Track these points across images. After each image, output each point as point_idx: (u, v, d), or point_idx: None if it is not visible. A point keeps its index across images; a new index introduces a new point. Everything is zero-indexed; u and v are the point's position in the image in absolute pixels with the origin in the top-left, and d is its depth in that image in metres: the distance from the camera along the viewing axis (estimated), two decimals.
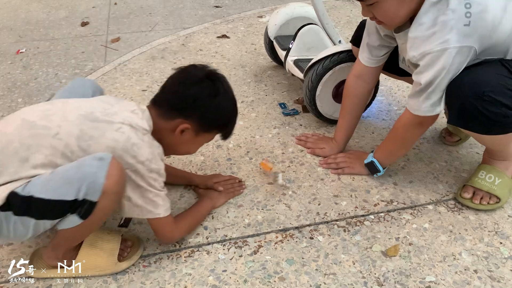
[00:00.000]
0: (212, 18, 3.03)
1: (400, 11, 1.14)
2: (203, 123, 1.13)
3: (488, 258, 1.19)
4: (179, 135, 1.12)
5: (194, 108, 1.10)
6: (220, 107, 1.13)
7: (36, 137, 0.97)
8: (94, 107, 1.04)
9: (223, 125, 1.19)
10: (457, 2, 1.06)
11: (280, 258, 1.19)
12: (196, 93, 1.09)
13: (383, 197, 1.41)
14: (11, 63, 2.40)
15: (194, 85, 1.10)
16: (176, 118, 1.10)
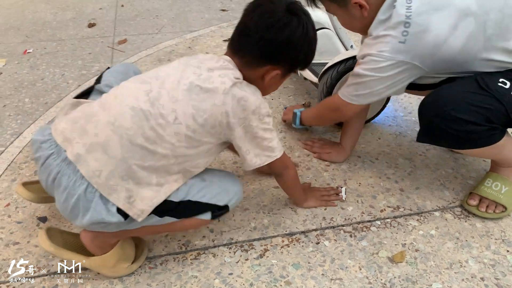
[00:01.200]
0: (218, 21, 3.04)
1: (354, 24, 1.29)
2: (293, 64, 1.10)
3: (495, 266, 1.19)
4: (268, 81, 1.09)
5: (287, 53, 1.05)
6: (311, 44, 1.08)
7: (158, 128, 0.97)
8: (188, 76, 1.01)
9: (310, 59, 1.13)
10: (397, 21, 1.14)
11: (286, 262, 1.19)
12: (289, 37, 1.02)
13: (390, 203, 1.41)
14: (18, 63, 2.41)
15: (284, 28, 1.01)
16: (264, 65, 1.06)
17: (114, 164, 0.95)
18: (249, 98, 1.02)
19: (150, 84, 1.02)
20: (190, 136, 0.99)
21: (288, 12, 1.01)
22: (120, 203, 0.96)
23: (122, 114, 0.97)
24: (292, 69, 1.11)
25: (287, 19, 1.01)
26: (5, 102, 2.00)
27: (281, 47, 1.03)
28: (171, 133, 0.97)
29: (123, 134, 0.95)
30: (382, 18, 1.18)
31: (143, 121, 0.96)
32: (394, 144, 1.71)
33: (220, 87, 0.99)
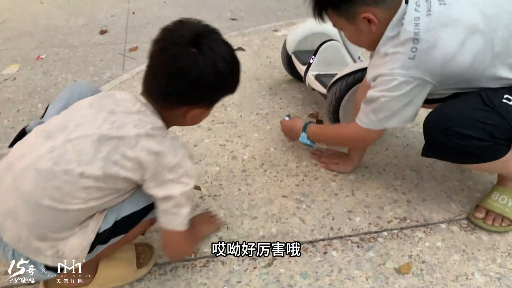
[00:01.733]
0: (228, 30, 3.08)
1: (361, 39, 1.29)
2: (214, 100, 1.05)
3: (501, 279, 1.20)
4: (190, 118, 1.05)
5: (200, 93, 0.99)
6: (225, 77, 1.00)
7: (64, 186, 0.91)
8: (99, 125, 0.94)
9: (233, 87, 1.06)
10: (406, 38, 1.15)
11: (294, 272, 1.21)
12: (196, 79, 0.95)
13: (397, 214, 1.42)
14: (31, 69, 2.45)
15: (189, 74, 0.94)
16: (183, 106, 1.01)
17: (27, 229, 0.92)
18: (167, 154, 0.96)
19: (54, 139, 0.94)
20: (101, 188, 0.94)
21: (193, 48, 0.94)
22: (48, 261, 0.96)
23: (24, 177, 0.92)
24: (214, 102, 1.06)
25: (192, 60, 0.94)
26: (19, 107, 2.04)
27: (192, 90, 0.97)
28: (79, 188, 0.91)
29: (29, 199, 0.91)
30: (390, 35, 1.18)
31: (47, 182, 0.90)
32: (401, 156, 1.72)
33: (132, 138, 0.93)
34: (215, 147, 1.74)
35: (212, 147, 1.74)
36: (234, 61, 1.02)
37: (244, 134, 1.84)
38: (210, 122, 1.91)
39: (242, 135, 1.83)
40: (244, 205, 1.44)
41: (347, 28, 1.27)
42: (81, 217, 0.96)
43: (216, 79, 0.97)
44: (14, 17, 3.28)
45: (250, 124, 1.91)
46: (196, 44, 0.94)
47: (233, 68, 1.02)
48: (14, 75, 2.36)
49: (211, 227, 1.33)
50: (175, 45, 0.95)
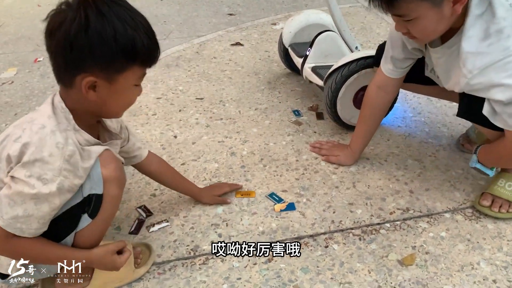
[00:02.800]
0: (226, 26, 3.05)
1: (438, 27, 1.11)
2: (101, 65, 0.88)
3: (508, 268, 1.17)
4: (93, 94, 0.91)
5: (76, 55, 0.86)
6: (102, 35, 0.85)
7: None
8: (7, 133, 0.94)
9: (126, 53, 0.89)
10: (504, 10, 1.04)
11: (295, 267, 1.18)
12: (64, 37, 0.85)
13: (399, 205, 1.39)
14: (29, 72, 2.44)
15: (58, 30, 0.85)
16: (72, 78, 0.89)
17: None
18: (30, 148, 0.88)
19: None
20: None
21: (67, 7, 0.86)
22: None
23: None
24: (110, 71, 0.90)
25: (60, 18, 0.85)
26: (16, 110, 2.03)
27: (66, 52, 0.86)
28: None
29: None
30: (478, 13, 1.06)
31: None
32: (403, 146, 1.69)
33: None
34: (214, 143, 1.72)
35: (210, 144, 1.72)
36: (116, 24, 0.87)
37: (243, 129, 1.82)
38: (209, 119, 1.89)
39: (241, 131, 1.80)
40: (243, 201, 1.42)
41: (428, 15, 1.06)
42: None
43: (86, 36, 0.84)
44: (12, 22, 3.27)
45: (249, 119, 1.89)
46: (83, 2, 0.85)
47: (110, 28, 0.86)
48: (11, 79, 2.35)
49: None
50: (53, 14, 0.88)
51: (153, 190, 1.46)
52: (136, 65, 0.92)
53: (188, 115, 1.92)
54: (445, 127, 1.80)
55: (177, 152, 1.67)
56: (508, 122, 1.10)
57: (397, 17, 1.11)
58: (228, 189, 1.44)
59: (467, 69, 1.09)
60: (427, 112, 1.91)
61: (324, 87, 1.69)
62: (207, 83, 2.20)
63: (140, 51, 0.90)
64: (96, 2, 0.86)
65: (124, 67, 0.91)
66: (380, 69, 1.45)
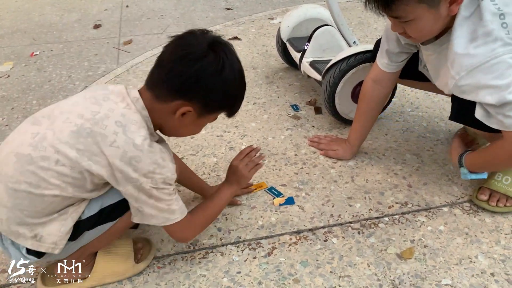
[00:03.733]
0: (223, 20, 3.04)
1: (435, 27, 1.11)
2: (207, 104, 0.99)
3: (505, 261, 1.18)
4: (180, 118, 0.99)
5: (196, 89, 0.95)
6: (226, 85, 0.97)
7: (39, 172, 0.91)
8: (82, 114, 0.94)
9: (229, 104, 1.04)
10: (491, 14, 1.04)
11: (294, 260, 1.19)
12: (198, 71, 0.93)
13: (398, 199, 1.40)
14: (25, 66, 2.43)
15: (196, 62, 0.93)
16: (175, 100, 0.96)
17: (7, 212, 0.93)
18: (143, 159, 0.93)
19: (39, 125, 0.95)
20: (77, 178, 0.93)
21: (208, 47, 0.94)
22: (28, 243, 0.95)
23: (6, 162, 0.93)
24: (208, 110, 1.01)
25: (202, 52, 0.93)
26: (13, 104, 2.02)
27: (190, 81, 0.94)
28: (54, 175, 0.91)
29: (7, 183, 0.92)
30: (466, 15, 1.07)
31: (25, 166, 0.91)
32: (401, 140, 1.70)
33: (109, 138, 0.92)
34: (212, 138, 1.72)
35: (209, 138, 1.72)
36: (241, 79, 1.02)
37: (242, 124, 1.81)
38: None
39: (240, 125, 1.80)
40: (243, 195, 1.42)
41: (425, 16, 1.07)
42: (59, 204, 0.95)
43: (216, 80, 0.95)
44: (7, 15, 3.25)
45: (247, 114, 1.89)
46: (212, 46, 0.95)
47: (238, 85, 1.02)
48: (7, 73, 2.34)
49: (248, 176, 1.27)
50: (193, 37, 0.96)
51: None
52: (223, 111, 1.05)
53: None
54: (442, 121, 1.80)
55: (176, 147, 1.66)
56: (504, 123, 1.07)
57: (394, 18, 1.11)
58: (240, 193, 1.42)
59: (455, 71, 1.09)
60: (425, 107, 1.91)
61: (322, 81, 1.69)
62: None
63: (236, 106, 1.05)
64: (228, 51, 0.97)
65: (217, 111, 1.04)
66: (376, 63, 1.45)
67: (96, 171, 0.92)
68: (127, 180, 0.94)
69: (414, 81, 1.55)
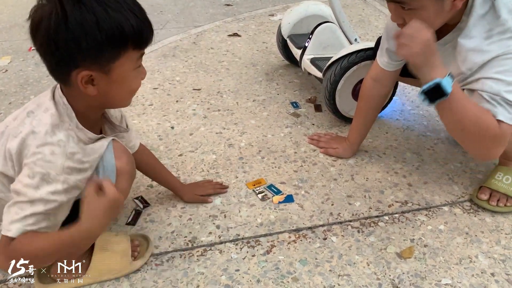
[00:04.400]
0: (223, 16, 3.02)
1: (436, 21, 1.08)
2: (91, 57, 0.83)
3: (506, 261, 1.17)
4: (93, 88, 0.87)
5: (63, 52, 0.81)
6: (86, 28, 0.79)
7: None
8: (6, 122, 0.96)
9: (114, 39, 0.82)
10: (507, 11, 1.03)
11: (293, 259, 1.18)
12: (46, 34, 0.79)
13: (398, 198, 1.39)
14: (23, 60, 2.41)
15: (38, 27, 0.80)
16: (67, 74, 0.85)
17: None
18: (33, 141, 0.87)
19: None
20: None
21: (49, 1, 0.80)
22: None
23: None
24: (102, 61, 0.84)
25: (40, 14, 0.80)
26: (11, 99, 2.00)
27: (51, 49, 0.81)
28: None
29: None
30: (482, 13, 1.05)
31: None
32: (401, 138, 1.69)
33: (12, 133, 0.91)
34: (211, 135, 1.71)
35: (208, 135, 1.71)
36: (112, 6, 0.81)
37: (241, 121, 1.80)
38: (206, 110, 1.87)
39: (239, 122, 1.79)
40: (242, 193, 1.41)
41: (429, 7, 1.04)
42: None
43: (71, 31, 0.79)
44: (5, 9, 3.22)
45: (247, 111, 1.87)
46: None
47: (110, 16, 0.80)
48: (5, 67, 2.32)
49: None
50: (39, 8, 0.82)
51: (150, 181, 1.44)
52: (129, 49, 0.86)
53: (185, 106, 1.91)
54: None
55: (174, 143, 1.65)
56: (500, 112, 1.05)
57: (396, 4, 1.07)
58: (211, 191, 1.39)
59: (466, 67, 1.08)
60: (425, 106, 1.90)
61: (323, 78, 1.68)
62: (204, 74, 2.18)
63: (129, 34, 0.83)
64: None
65: (116, 54, 0.85)
66: (376, 62, 1.44)
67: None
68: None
69: (415, 79, 1.53)
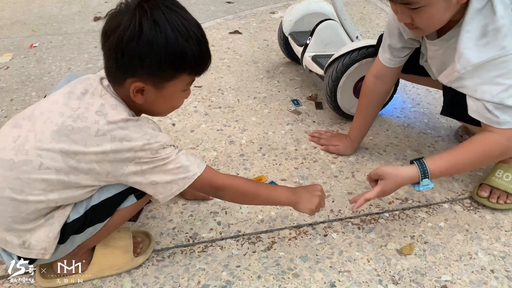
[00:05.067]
0: (224, 13, 3.02)
1: (444, 16, 1.07)
2: (150, 73, 0.90)
3: (505, 258, 1.18)
4: (141, 97, 0.94)
5: (126, 61, 0.88)
6: (154, 47, 0.87)
7: (22, 177, 0.89)
8: (62, 112, 0.91)
9: (180, 64, 0.92)
10: (503, 7, 1.02)
11: (294, 255, 1.19)
12: (117, 42, 0.86)
13: (398, 195, 1.39)
14: (24, 57, 2.41)
15: (113, 33, 0.87)
16: (124, 80, 0.91)
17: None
18: (132, 135, 0.90)
19: (20, 128, 0.93)
20: (63, 181, 0.90)
21: (133, 12, 0.87)
22: (17, 251, 0.94)
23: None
24: (158, 78, 0.92)
25: (118, 21, 0.87)
26: (12, 96, 2.01)
27: (117, 56, 0.88)
28: (38, 179, 0.89)
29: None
30: (478, 7, 1.04)
31: (8, 172, 0.89)
32: (402, 136, 1.69)
33: (92, 128, 0.89)
34: (212, 132, 1.71)
35: (209, 132, 1.71)
36: (186, 34, 0.89)
37: (242, 118, 1.81)
38: (207, 107, 1.88)
39: (240, 120, 1.80)
40: None
41: (437, 3, 1.02)
42: (45, 209, 0.92)
43: (139, 46, 0.86)
44: (7, 6, 3.22)
45: (248, 108, 1.88)
46: (136, 9, 0.87)
47: (179, 41, 0.88)
48: (7, 64, 2.32)
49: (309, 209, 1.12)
50: (114, 17, 0.89)
51: None
52: (185, 74, 0.94)
53: (186, 103, 1.91)
54: (444, 118, 1.80)
55: (176, 140, 1.65)
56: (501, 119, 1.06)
57: (404, 5, 1.06)
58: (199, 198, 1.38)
59: (461, 65, 1.08)
60: (426, 103, 1.91)
61: (325, 75, 1.68)
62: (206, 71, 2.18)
63: (189, 61, 0.92)
64: (152, 9, 0.87)
65: (173, 75, 0.93)
66: (378, 59, 1.44)
67: (85, 166, 0.90)
68: (124, 161, 0.91)
69: (416, 76, 1.54)
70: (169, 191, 0.96)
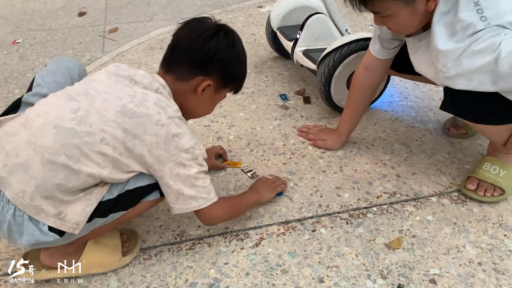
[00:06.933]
0: (211, 8, 3.00)
1: (413, 23, 1.14)
2: (224, 77, 1.10)
3: (493, 251, 1.18)
4: (200, 95, 1.09)
5: (215, 62, 1.06)
6: (239, 59, 1.11)
7: (83, 147, 0.92)
8: (119, 96, 0.98)
9: (240, 78, 1.16)
10: (467, 10, 1.03)
11: (282, 251, 1.18)
12: (215, 46, 1.05)
13: (386, 189, 1.39)
14: (7, 54, 2.37)
15: (212, 38, 1.05)
16: (195, 76, 1.07)
17: (35, 184, 0.90)
18: (184, 136, 1.01)
19: (78, 102, 0.97)
20: (117, 159, 0.95)
21: (215, 27, 1.07)
22: (50, 221, 0.92)
23: (44, 132, 0.92)
24: (224, 83, 1.12)
25: (213, 31, 1.06)
26: None
27: (208, 56, 1.05)
28: (96, 152, 0.93)
29: (44, 153, 0.90)
30: (445, 10, 1.06)
31: (67, 139, 0.92)
32: (390, 130, 1.69)
33: (154, 117, 0.98)
34: (200, 128, 1.70)
35: (196, 128, 1.69)
36: (245, 56, 1.15)
37: (230, 114, 1.79)
38: None
39: (227, 115, 1.78)
40: (231, 186, 1.41)
41: (402, 12, 1.09)
42: (89, 183, 0.95)
43: (231, 53, 1.07)
44: None
45: (235, 103, 1.86)
46: (219, 26, 1.08)
47: (245, 60, 1.14)
48: None
49: (273, 192, 1.33)
50: (199, 21, 1.09)
51: None
52: (232, 87, 1.16)
53: None
54: (431, 111, 1.80)
55: None
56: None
57: (374, 13, 1.15)
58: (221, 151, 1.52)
59: (441, 64, 1.08)
60: (413, 97, 1.91)
61: (320, 65, 1.66)
62: None
63: (242, 82, 1.18)
64: (235, 32, 1.12)
65: (228, 87, 1.15)
66: (369, 50, 1.44)
67: (139, 151, 0.97)
68: (168, 158, 0.99)
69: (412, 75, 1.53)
70: (187, 205, 1.04)
